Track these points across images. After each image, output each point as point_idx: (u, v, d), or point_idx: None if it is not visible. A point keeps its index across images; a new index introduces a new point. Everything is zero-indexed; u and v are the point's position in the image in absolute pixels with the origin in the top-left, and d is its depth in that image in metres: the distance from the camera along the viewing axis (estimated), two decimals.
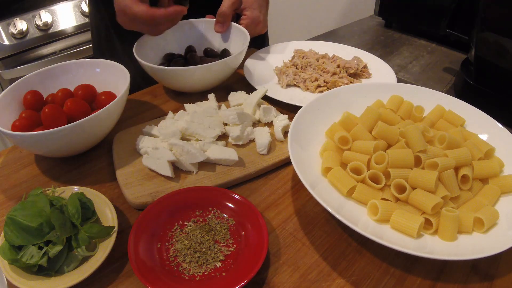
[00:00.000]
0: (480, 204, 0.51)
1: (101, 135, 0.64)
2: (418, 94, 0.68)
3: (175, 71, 0.73)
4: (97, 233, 0.47)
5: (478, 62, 0.81)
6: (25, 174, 0.63)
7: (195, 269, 0.46)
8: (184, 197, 0.54)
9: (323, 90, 0.81)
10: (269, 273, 0.47)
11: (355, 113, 0.64)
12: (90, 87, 0.71)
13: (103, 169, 0.63)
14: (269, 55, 0.94)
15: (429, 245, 0.46)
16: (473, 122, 0.63)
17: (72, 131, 0.56)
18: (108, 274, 0.48)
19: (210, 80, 0.78)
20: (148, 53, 0.81)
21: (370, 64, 0.89)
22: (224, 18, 0.82)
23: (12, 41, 1.46)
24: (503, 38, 0.74)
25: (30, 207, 0.47)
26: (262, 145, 0.63)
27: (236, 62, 0.79)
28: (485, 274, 0.47)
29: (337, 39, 1.17)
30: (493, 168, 0.54)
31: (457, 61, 1.03)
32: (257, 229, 0.49)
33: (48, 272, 0.45)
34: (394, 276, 0.47)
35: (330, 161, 0.54)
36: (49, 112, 0.61)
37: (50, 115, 0.61)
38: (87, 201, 0.51)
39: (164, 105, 0.80)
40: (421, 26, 1.18)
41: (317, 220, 0.54)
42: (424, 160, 0.52)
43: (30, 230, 0.45)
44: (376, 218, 0.48)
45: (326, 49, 0.96)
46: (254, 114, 0.72)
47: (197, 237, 0.50)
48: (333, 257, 0.49)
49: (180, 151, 0.59)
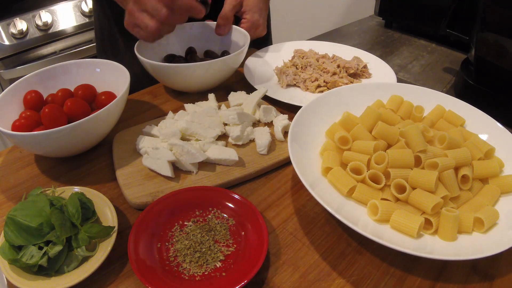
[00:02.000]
0: (480, 204, 0.51)
1: (101, 135, 0.64)
2: (418, 94, 0.68)
3: (175, 68, 0.73)
4: (97, 233, 0.47)
5: (478, 62, 0.81)
6: (25, 174, 0.63)
7: (195, 269, 0.46)
8: (184, 197, 0.54)
9: (323, 90, 0.81)
10: (269, 273, 0.47)
11: (355, 113, 0.64)
12: (90, 87, 0.71)
13: (103, 169, 0.63)
14: (269, 55, 0.94)
15: (429, 245, 0.46)
16: (473, 122, 0.63)
17: (72, 131, 0.56)
18: (108, 274, 0.48)
19: (210, 79, 0.78)
20: (149, 53, 0.81)
21: (370, 64, 0.89)
22: (225, 21, 0.83)
23: (12, 41, 1.46)
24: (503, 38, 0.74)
25: (30, 207, 0.47)
26: (262, 145, 0.63)
27: (236, 61, 0.79)
28: (485, 274, 0.47)
29: (337, 39, 1.17)
30: (493, 168, 0.54)
31: (457, 61, 1.03)
32: (257, 229, 0.49)
33: (48, 272, 0.45)
34: (394, 276, 0.47)
35: (330, 161, 0.54)
36: (49, 112, 0.61)
37: (50, 115, 0.61)
38: (87, 201, 0.51)
39: (164, 105, 0.80)
40: (421, 26, 1.18)
41: (317, 220, 0.54)
42: (424, 160, 0.52)
43: (30, 230, 0.45)
44: (376, 218, 0.48)
45: (326, 49, 0.96)
46: (254, 114, 0.72)
47: (197, 237, 0.50)
48: (333, 257, 0.49)
49: (180, 151, 0.59)
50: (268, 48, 0.97)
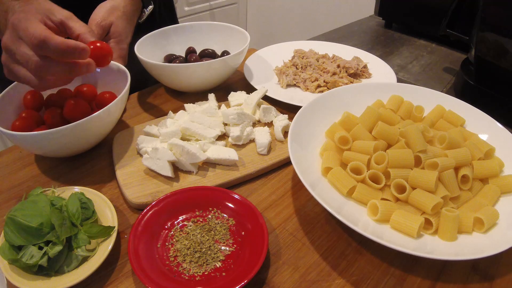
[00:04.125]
0: (480, 204, 0.51)
1: (101, 135, 0.64)
2: (418, 94, 0.68)
3: (175, 68, 0.74)
4: (97, 233, 0.47)
5: (478, 62, 0.80)
6: (25, 174, 0.63)
7: (195, 269, 0.46)
8: (184, 197, 0.54)
9: (323, 90, 0.81)
10: (269, 273, 0.47)
11: (355, 113, 0.64)
12: (90, 87, 0.71)
13: (103, 169, 0.63)
14: (269, 55, 0.94)
15: (429, 245, 0.46)
16: (473, 122, 0.63)
17: (72, 131, 0.56)
18: (108, 274, 0.48)
19: (210, 79, 0.78)
20: (149, 53, 0.81)
21: (370, 64, 0.89)
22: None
23: None
24: (503, 38, 0.73)
25: (30, 207, 0.47)
26: (262, 145, 0.63)
27: (236, 61, 0.79)
28: (485, 274, 0.47)
29: (337, 39, 1.17)
30: (493, 168, 0.54)
31: (457, 61, 1.03)
32: (257, 229, 0.49)
33: (48, 272, 0.45)
34: (394, 276, 0.47)
35: (330, 161, 0.54)
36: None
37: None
38: (87, 201, 0.51)
39: (164, 105, 0.80)
40: (421, 26, 1.18)
41: (317, 220, 0.54)
42: (424, 160, 0.52)
43: (30, 230, 0.45)
44: (376, 218, 0.48)
45: (326, 49, 0.96)
46: (254, 114, 0.72)
47: (197, 237, 0.50)
48: (333, 257, 0.49)
49: (180, 151, 0.59)
50: (268, 48, 0.97)
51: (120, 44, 0.72)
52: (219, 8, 2.53)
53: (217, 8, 2.51)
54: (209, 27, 0.90)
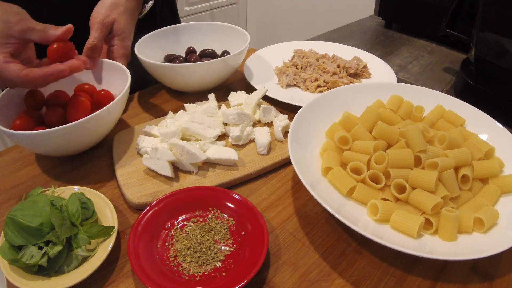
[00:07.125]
0: (480, 204, 0.51)
1: (101, 135, 0.64)
2: (418, 94, 0.68)
3: (175, 68, 0.74)
4: (97, 233, 0.47)
5: (478, 62, 0.80)
6: (25, 174, 0.63)
7: (195, 269, 0.46)
8: (184, 197, 0.54)
9: (323, 90, 0.81)
10: (269, 273, 0.47)
11: (355, 113, 0.64)
12: (91, 87, 0.71)
13: (103, 169, 0.63)
14: (269, 55, 0.94)
15: (429, 245, 0.46)
16: (473, 122, 0.63)
17: (72, 131, 0.56)
18: (108, 274, 0.48)
19: (210, 79, 0.78)
20: (149, 53, 0.81)
21: (370, 64, 0.89)
22: (94, 53, 0.67)
23: None
24: (503, 38, 0.73)
25: (30, 207, 0.47)
26: (262, 145, 0.63)
27: (236, 61, 0.79)
28: (485, 274, 0.47)
29: (337, 39, 1.17)
30: (493, 168, 0.54)
31: (457, 61, 1.03)
32: (257, 229, 0.49)
33: (48, 272, 0.45)
34: (394, 276, 0.47)
35: (330, 161, 0.54)
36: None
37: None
38: (87, 201, 0.51)
39: (164, 105, 0.80)
40: (421, 26, 1.18)
41: (317, 220, 0.54)
42: (424, 160, 0.52)
43: (30, 230, 0.45)
44: (376, 218, 0.48)
45: (326, 49, 0.96)
46: (254, 114, 0.72)
47: (197, 237, 0.50)
48: (333, 257, 0.49)
49: (180, 151, 0.59)
50: (268, 48, 0.97)
51: (124, 42, 0.71)
52: (219, 8, 2.53)
53: (217, 8, 2.51)
54: (209, 27, 0.90)
